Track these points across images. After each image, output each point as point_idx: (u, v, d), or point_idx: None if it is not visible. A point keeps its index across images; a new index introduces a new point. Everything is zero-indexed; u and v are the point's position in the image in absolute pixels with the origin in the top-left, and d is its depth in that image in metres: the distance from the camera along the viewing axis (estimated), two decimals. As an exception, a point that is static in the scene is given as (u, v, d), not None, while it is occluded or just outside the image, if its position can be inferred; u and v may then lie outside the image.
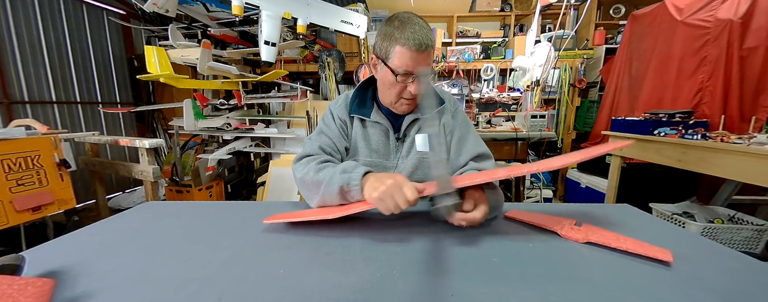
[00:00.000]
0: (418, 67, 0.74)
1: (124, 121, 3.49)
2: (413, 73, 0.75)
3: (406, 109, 0.83)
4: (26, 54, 2.59)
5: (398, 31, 0.73)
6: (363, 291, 0.43)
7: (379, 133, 0.88)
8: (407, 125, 0.87)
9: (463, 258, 0.52)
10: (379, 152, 0.88)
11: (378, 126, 0.88)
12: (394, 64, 0.75)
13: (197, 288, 0.44)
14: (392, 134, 0.88)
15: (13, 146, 1.53)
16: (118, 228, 0.68)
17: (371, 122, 0.87)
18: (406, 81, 0.77)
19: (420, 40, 0.71)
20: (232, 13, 1.85)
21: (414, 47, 0.71)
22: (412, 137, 0.87)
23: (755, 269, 0.50)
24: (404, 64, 0.73)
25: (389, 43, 0.74)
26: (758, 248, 1.58)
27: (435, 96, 0.90)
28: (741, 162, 1.36)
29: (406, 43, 0.72)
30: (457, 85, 3.55)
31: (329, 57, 3.17)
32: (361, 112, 0.87)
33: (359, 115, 0.87)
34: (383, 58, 0.77)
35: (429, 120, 0.84)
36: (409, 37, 0.71)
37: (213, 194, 2.64)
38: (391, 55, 0.74)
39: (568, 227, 0.62)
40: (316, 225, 0.67)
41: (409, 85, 0.77)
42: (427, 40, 0.73)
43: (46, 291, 0.38)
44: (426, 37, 0.73)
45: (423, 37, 0.72)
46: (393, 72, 0.75)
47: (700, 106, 1.96)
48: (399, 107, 0.83)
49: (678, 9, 2.09)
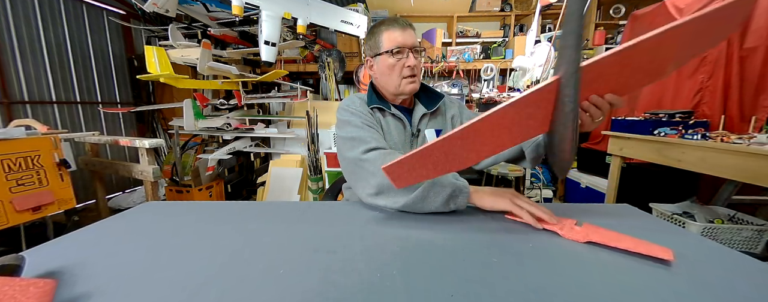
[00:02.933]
0: (407, 41, 0.85)
1: (124, 121, 3.49)
2: (406, 48, 0.85)
3: (412, 87, 0.89)
4: (26, 54, 2.59)
5: (383, 25, 0.87)
6: (363, 292, 0.43)
7: (398, 127, 0.93)
8: (418, 120, 0.93)
9: (463, 258, 0.52)
10: (396, 146, 0.91)
11: (397, 119, 0.93)
12: (386, 48, 0.86)
13: (197, 288, 0.44)
14: (408, 129, 0.93)
15: (13, 146, 1.53)
16: (118, 228, 0.68)
17: (390, 115, 0.92)
18: (402, 57, 0.86)
19: (400, 23, 0.86)
20: (232, 13, 1.85)
21: (398, 28, 0.85)
22: (424, 133, 0.93)
23: (755, 269, 0.50)
24: (394, 41, 0.85)
25: (376, 36, 0.87)
26: (758, 248, 1.58)
27: (432, 93, 1.00)
28: (741, 162, 1.36)
29: (389, 27, 0.85)
30: (457, 85, 3.55)
31: (329, 57, 3.18)
32: (382, 103, 0.92)
33: (381, 105, 0.91)
34: (376, 52, 0.88)
35: (436, 114, 0.95)
36: (390, 23, 0.86)
37: (213, 194, 2.64)
38: (381, 43, 0.87)
39: (568, 227, 0.62)
40: (316, 225, 0.67)
41: (405, 60, 0.86)
42: (405, 22, 0.86)
43: (47, 292, 0.38)
44: (404, 21, 0.86)
45: (402, 22, 0.86)
46: (389, 53, 0.86)
47: (700, 106, 1.96)
48: (405, 87, 0.89)
49: (678, 9, 2.09)
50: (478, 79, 3.55)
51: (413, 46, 0.86)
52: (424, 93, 0.99)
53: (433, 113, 0.96)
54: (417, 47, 0.87)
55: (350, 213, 0.74)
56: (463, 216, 0.71)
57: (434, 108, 0.94)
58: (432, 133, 0.92)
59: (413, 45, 0.86)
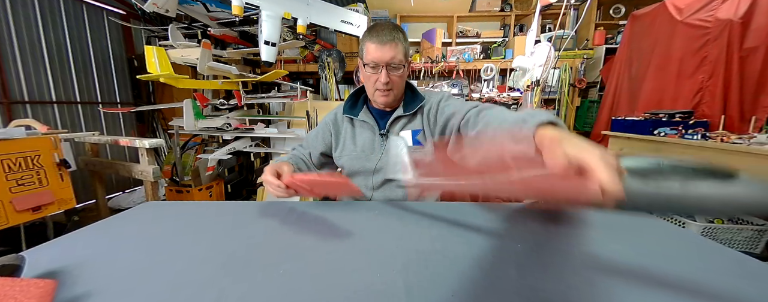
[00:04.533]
0: (384, 57, 0.85)
1: (124, 121, 3.49)
2: (380, 64, 0.86)
3: (383, 100, 0.92)
4: (26, 54, 2.59)
5: (367, 33, 0.87)
6: (363, 292, 0.43)
7: (367, 132, 0.97)
8: (390, 123, 0.96)
9: (463, 257, 0.52)
10: (365, 150, 0.96)
11: (365, 125, 0.97)
12: (365, 60, 0.88)
13: (197, 288, 0.44)
14: (377, 132, 0.96)
15: (13, 146, 1.53)
16: (118, 228, 0.68)
17: (359, 121, 0.98)
18: (376, 72, 0.87)
19: (381, 36, 0.84)
20: (232, 13, 1.84)
21: (377, 41, 0.84)
22: (391, 135, 0.95)
23: (755, 269, 0.50)
24: (371, 56, 0.86)
25: (363, 44, 0.89)
26: (758, 248, 1.58)
27: (416, 96, 0.99)
28: (741, 162, 1.36)
29: (371, 39, 0.86)
30: (457, 85, 3.55)
31: (329, 57, 3.17)
32: (352, 112, 0.98)
33: (349, 115, 0.98)
34: (361, 58, 0.90)
35: (415, 115, 0.96)
36: (373, 34, 0.85)
37: (213, 194, 2.64)
38: (363, 52, 0.89)
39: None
40: (316, 225, 0.67)
41: (380, 75, 0.87)
42: (389, 36, 0.85)
43: (48, 292, 0.38)
44: (388, 34, 0.85)
45: (385, 34, 0.85)
46: (364, 65, 0.88)
47: (700, 106, 1.96)
48: (377, 98, 0.92)
49: (678, 9, 2.09)
50: (478, 79, 3.55)
51: (389, 62, 0.84)
52: (409, 95, 0.99)
53: (412, 115, 0.96)
54: (393, 63, 0.85)
55: (350, 213, 0.74)
56: (463, 217, 0.71)
57: (412, 111, 0.95)
58: (408, 134, 0.94)
59: (390, 61, 0.84)
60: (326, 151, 1.02)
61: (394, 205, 0.80)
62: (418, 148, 0.93)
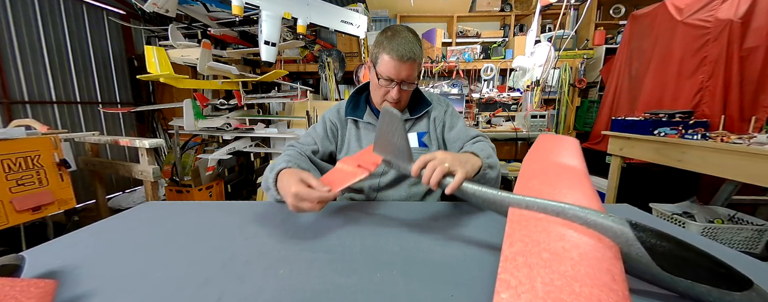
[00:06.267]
0: (400, 75, 0.81)
1: (124, 121, 3.49)
2: (394, 80, 0.83)
3: None
4: (26, 54, 2.59)
5: (387, 40, 0.81)
6: (363, 292, 0.43)
7: (371, 134, 0.95)
8: None
9: (463, 258, 0.52)
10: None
11: (370, 127, 0.95)
12: (379, 70, 0.83)
13: (197, 288, 0.44)
14: None
15: (13, 146, 1.53)
16: (118, 228, 0.68)
17: (364, 123, 0.95)
18: (389, 86, 0.85)
19: (402, 52, 0.79)
20: (232, 13, 1.85)
21: (396, 57, 0.79)
22: None
23: (755, 269, 0.50)
24: (387, 71, 0.82)
25: (379, 50, 0.83)
26: (758, 248, 1.58)
27: (422, 99, 0.99)
28: (741, 162, 1.36)
29: (390, 52, 0.80)
30: (457, 85, 3.55)
31: (329, 57, 3.18)
32: (355, 114, 0.96)
33: (353, 116, 0.95)
34: (374, 62, 0.86)
35: (421, 118, 0.95)
36: (394, 47, 0.79)
37: (213, 194, 2.64)
38: (379, 61, 0.83)
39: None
40: (316, 225, 0.67)
41: (391, 90, 0.85)
42: (410, 52, 0.79)
43: (48, 292, 0.38)
44: (410, 50, 0.79)
45: (406, 50, 0.79)
46: (378, 76, 0.84)
47: (700, 105, 1.96)
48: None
49: (678, 9, 2.09)
50: (478, 79, 3.55)
51: (405, 80, 0.83)
52: (415, 99, 0.99)
53: (418, 118, 0.97)
54: (406, 82, 0.84)
55: (350, 213, 0.74)
56: (463, 217, 0.71)
57: (418, 115, 0.95)
58: (414, 136, 0.94)
59: (406, 79, 0.83)
60: (334, 150, 0.98)
61: (394, 205, 0.80)
62: (424, 150, 0.93)
